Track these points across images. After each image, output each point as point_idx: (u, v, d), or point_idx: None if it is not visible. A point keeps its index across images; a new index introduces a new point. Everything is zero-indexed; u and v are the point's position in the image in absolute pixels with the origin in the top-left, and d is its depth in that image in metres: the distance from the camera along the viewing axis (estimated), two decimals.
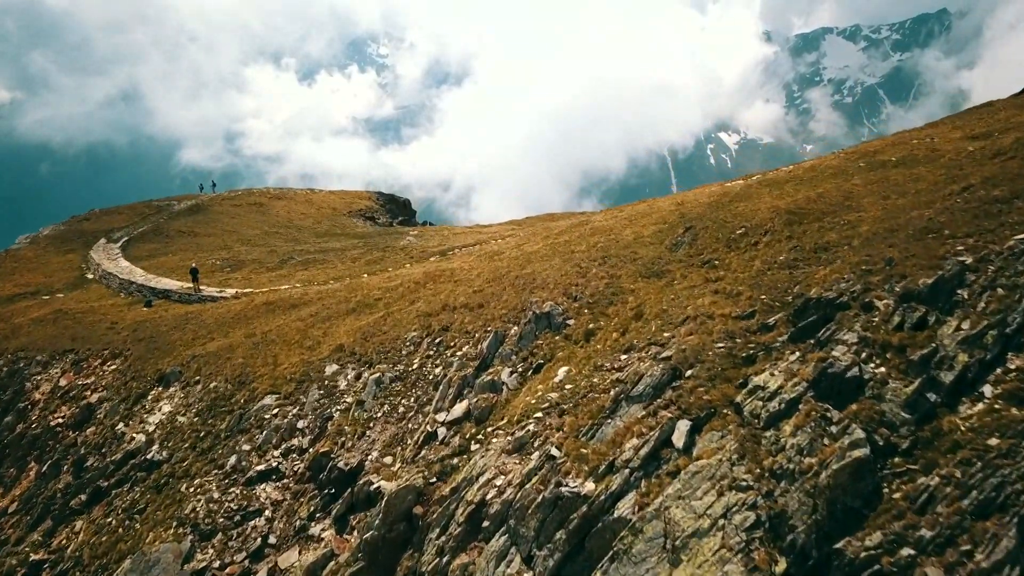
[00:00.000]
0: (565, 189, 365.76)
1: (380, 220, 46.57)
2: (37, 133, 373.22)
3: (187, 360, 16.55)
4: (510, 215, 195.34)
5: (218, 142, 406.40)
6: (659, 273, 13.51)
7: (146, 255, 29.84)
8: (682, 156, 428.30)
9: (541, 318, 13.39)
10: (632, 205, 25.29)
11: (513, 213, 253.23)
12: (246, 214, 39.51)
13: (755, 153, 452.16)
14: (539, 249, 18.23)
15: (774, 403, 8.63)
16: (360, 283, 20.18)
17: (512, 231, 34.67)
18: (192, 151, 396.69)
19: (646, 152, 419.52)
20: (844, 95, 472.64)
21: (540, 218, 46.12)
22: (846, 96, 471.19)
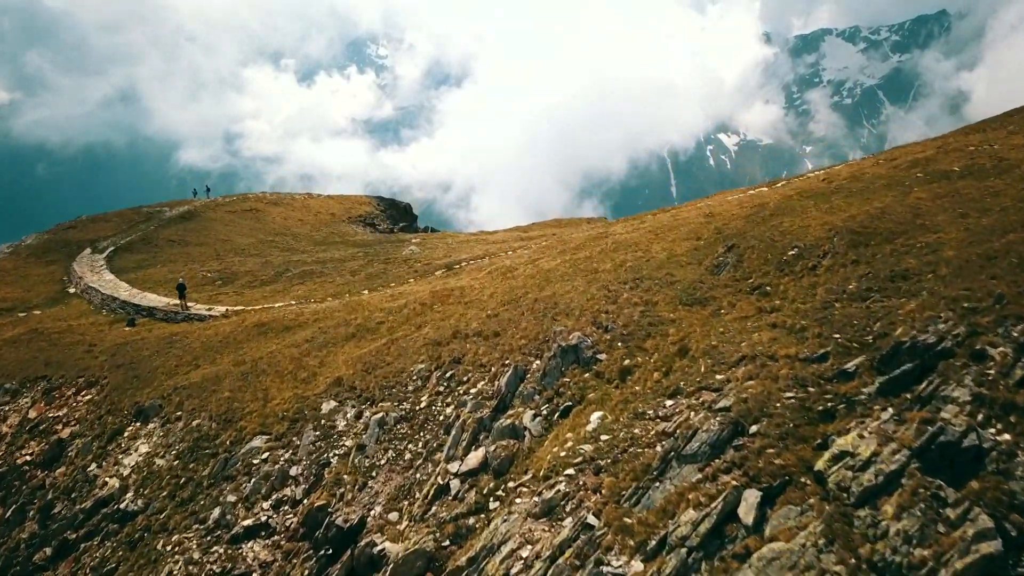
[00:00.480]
0: (565, 190, 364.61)
1: (380, 226, 44.92)
2: (34, 134, 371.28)
3: (168, 392, 14.88)
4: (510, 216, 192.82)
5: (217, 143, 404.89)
6: (702, 300, 11.89)
7: (133, 267, 28.14)
8: (682, 158, 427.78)
9: (568, 351, 11.74)
10: (652, 215, 23.67)
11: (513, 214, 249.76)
12: (240, 221, 37.83)
13: (754, 154, 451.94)
14: (557, 266, 16.61)
15: (868, 474, 6.98)
16: (360, 302, 18.53)
17: (519, 239, 33.04)
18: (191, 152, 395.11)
19: (646, 153, 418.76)
20: (843, 96, 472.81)
21: (547, 224, 44.48)
22: (845, 97, 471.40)
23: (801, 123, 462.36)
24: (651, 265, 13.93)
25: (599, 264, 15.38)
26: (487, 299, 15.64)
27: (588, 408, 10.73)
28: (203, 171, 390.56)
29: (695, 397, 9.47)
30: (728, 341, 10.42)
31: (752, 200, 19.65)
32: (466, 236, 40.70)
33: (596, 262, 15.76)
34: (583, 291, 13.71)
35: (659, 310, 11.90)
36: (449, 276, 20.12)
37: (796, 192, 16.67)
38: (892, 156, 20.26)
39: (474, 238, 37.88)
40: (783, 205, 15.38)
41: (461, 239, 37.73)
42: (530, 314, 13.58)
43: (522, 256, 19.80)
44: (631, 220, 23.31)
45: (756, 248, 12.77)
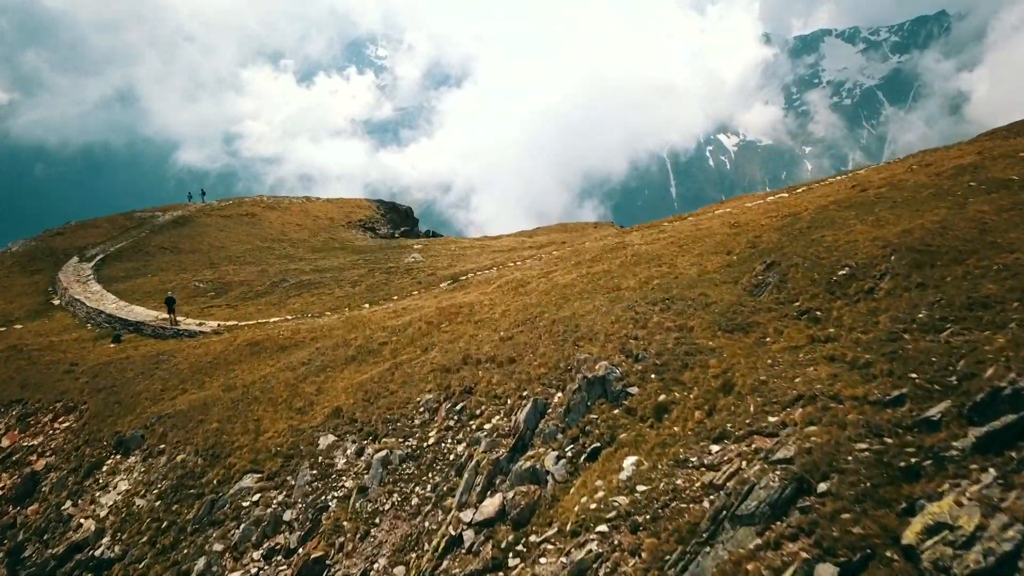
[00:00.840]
0: (565, 191, 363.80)
1: (381, 231, 43.67)
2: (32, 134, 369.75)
3: (152, 421, 13.62)
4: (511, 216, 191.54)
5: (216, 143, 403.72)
6: (744, 327, 10.66)
7: (122, 276, 26.83)
8: (682, 158, 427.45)
9: (594, 384, 10.49)
10: (669, 222, 22.45)
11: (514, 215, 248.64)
12: (236, 227, 36.54)
13: (754, 155, 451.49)
14: (574, 281, 15.38)
15: (974, 554, 5.74)
16: (361, 318, 17.28)
17: (528, 248, 31.83)
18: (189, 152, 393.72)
19: (646, 154, 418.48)
20: (843, 97, 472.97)
21: (552, 229, 43.25)
22: (845, 98, 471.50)
23: (801, 124, 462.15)
24: (681, 283, 12.69)
25: (621, 280, 14.15)
26: (499, 318, 14.40)
27: (620, 451, 9.48)
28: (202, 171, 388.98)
29: (746, 443, 8.21)
30: (779, 376, 9.18)
31: (778, 209, 18.45)
32: (469, 242, 39.46)
33: (617, 278, 14.52)
34: (607, 312, 12.48)
35: (696, 336, 10.66)
36: (456, 289, 18.86)
37: (832, 202, 15.43)
38: (926, 161, 19.06)
39: (478, 244, 36.64)
40: (820, 216, 14.16)
41: (464, 245, 36.49)
42: (548, 338, 12.33)
43: (534, 268, 18.55)
44: (647, 228, 22.09)
45: (800, 266, 11.53)
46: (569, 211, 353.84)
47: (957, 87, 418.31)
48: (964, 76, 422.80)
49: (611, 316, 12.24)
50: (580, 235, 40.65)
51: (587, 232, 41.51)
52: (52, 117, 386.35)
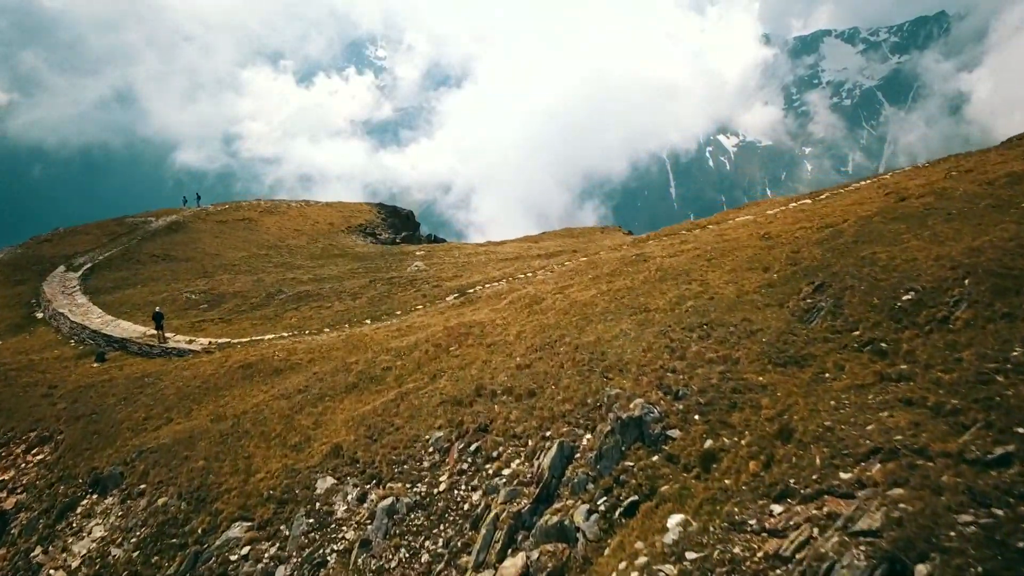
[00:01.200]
0: (566, 191, 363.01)
1: (382, 236, 42.39)
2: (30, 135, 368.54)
3: (132, 456, 12.35)
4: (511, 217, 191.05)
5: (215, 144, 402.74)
6: (797, 359, 9.44)
7: (110, 287, 25.53)
8: (682, 159, 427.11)
9: (628, 425, 9.25)
10: (689, 229, 21.19)
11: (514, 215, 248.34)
12: (232, 232, 35.25)
13: (754, 156, 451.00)
14: (594, 299, 14.15)
15: None
16: (362, 337, 16.02)
17: (529, 251, 30.60)
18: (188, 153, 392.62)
19: (645, 155, 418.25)
20: (843, 97, 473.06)
21: (558, 234, 42.00)
22: (844, 99, 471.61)
23: (800, 124, 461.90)
24: (719, 305, 11.44)
25: (648, 299, 12.91)
26: (514, 341, 13.15)
27: (662, 506, 8.23)
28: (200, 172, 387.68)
29: (815, 504, 6.97)
30: (847, 421, 7.94)
31: (809, 218, 17.22)
32: (473, 248, 38.21)
33: (643, 296, 13.29)
34: (636, 338, 11.24)
35: (743, 370, 9.42)
36: (464, 305, 17.60)
37: (873, 212, 14.20)
38: (964, 167, 17.87)
39: (482, 250, 35.40)
40: (865, 230, 12.93)
41: (468, 251, 35.24)
42: (571, 367, 11.09)
43: (547, 282, 17.29)
44: (665, 237, 20.83)
45: (855, 289, 10.30)
46: (570, 212, 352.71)
47: (957, 88, 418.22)
48: (964, 77, 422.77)
49: (642, 343, 11.01)
50: (588, 240, 39.43)
51: (594, 237, 40.30)
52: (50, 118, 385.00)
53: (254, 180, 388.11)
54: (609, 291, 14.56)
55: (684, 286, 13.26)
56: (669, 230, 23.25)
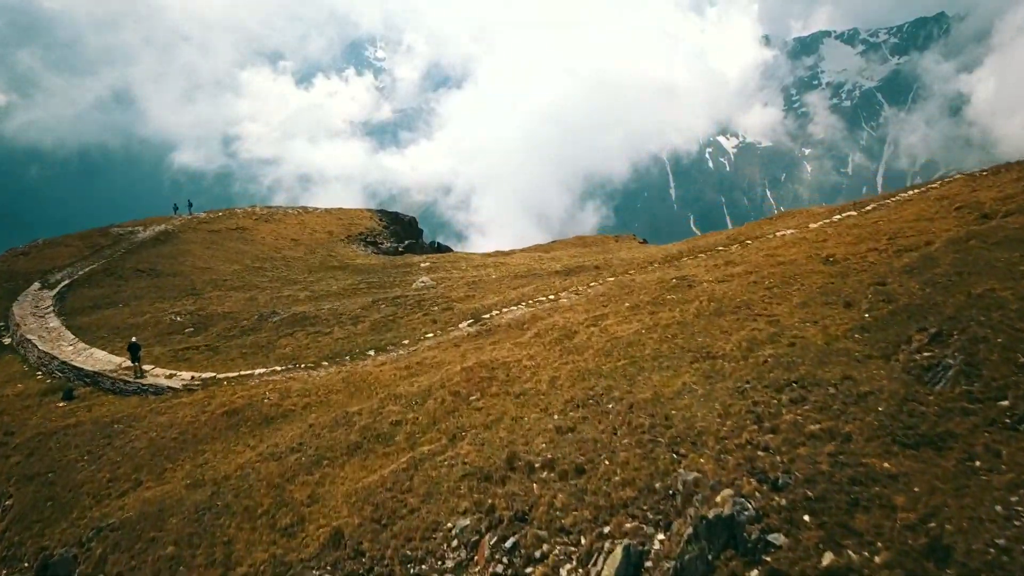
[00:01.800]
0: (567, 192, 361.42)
1: (384, 245, 40.26)
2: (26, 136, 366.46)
3: (89, 535, 10.19)
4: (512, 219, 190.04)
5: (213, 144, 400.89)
6: (932, 440, 7.35)
7: (88, 306, 23.37)
8: (682, 160, 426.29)
9: (715, 527, 7.13)
10: (726, 245, 19.02)
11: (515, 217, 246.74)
12: (225, 243, 33.09)
13: (753, 157, 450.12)
14: (638, 335, 12.04)
15: None
16: (366, 376, 13.88)
17: (541, 261, 28.49)
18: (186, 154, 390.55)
19: (646, 156, 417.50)
20: (842, 99, 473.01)
21: (570, 243, 39.91)
22: (844, 100, 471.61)
23: (800, 125, 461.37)
24: (806, 356, 9.32)
25: (709, 341, 10.80)
26: (547, 390, 11.03)
27: None
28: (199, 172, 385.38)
29: None
30: (1018, 539, 5.85)
31: (873, 236, 15.14)
32: (481, 259, 36.09)
33: (701, 335, 11.18)
34: (705, 397, 9.14)
35: (860, 451, 7.31)
36: (481, 336, 15.46)
37: (964, 235, 12.09)
38: None
39: (491, 261, 33.28)
40: (968, 259, 10.83)
41: (476, 263, 33.12)
42: (627, 434, 8.98)
43: (576, 310, 15.17)
44: (702, 254, 18.68)
45: (990, 342, 8.20)
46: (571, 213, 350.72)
47: (957, 89, 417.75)
48: (964, 78, 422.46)
49: (715, 405, 8.92)
50: (602, 250, 37.33)
51: (609, 246, 38.25)
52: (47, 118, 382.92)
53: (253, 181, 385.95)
54: (655, 326, 12.44)
55: (750, 324, 11.16)
56: (703, 244, 21.13)
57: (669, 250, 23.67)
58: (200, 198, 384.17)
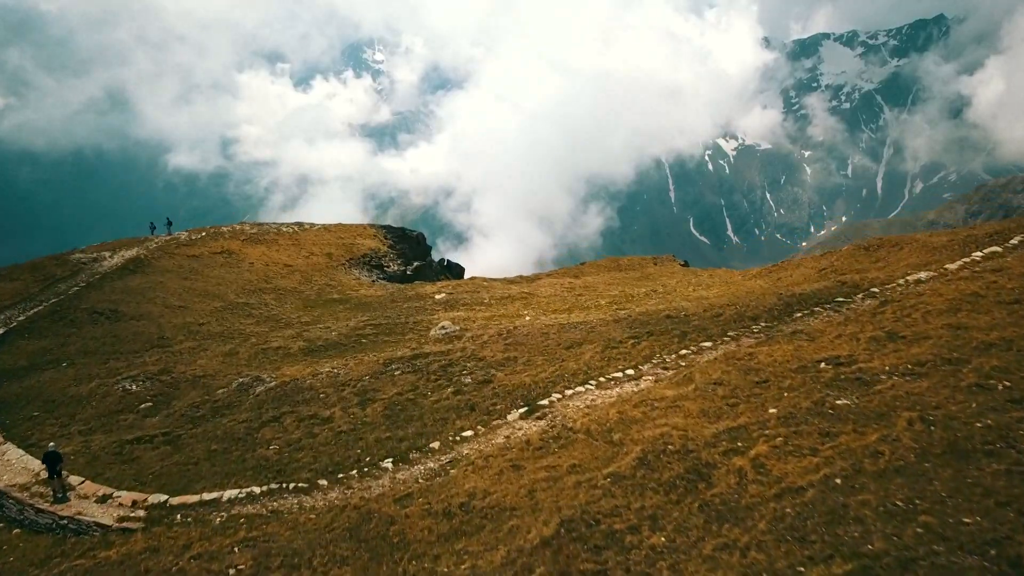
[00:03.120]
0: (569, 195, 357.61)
1: (390, 268, 35.43)
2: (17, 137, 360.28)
3: None
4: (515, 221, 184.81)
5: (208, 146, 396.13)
6: None
7: (22, 366, 18.31)
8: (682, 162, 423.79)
9: None
10: (847, 294, 14.31)
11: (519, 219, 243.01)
12: (206, 271, 28.21)
13: (753, 159, 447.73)
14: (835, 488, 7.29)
15: None
16: (385, 529, 9.05)
17: (573, 291, 23.79)
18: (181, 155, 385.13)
19: (646, 158, 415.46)
20: (842, 101, 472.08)
21: (602, 266, 35.12)
22: (844, 102, 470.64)
23: (800, 128, 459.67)
24: None
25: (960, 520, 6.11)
26: None
27: None
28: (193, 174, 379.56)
29: None
30: None
31: None
32: (503, 287, 31.30)
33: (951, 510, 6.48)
34: None
35: None
36: (549, 449, 10.63)
37: None
38: None
39: (516, 292, 28.49)
40: None
41: (499, 293, 28.32)
42: None
43: (687, 410, 10.43)
44: (810, 300, 13.94)
45: None
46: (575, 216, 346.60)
47: (957, 91, 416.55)
48: (965, 80, 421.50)
49: None
50: (641, 274, 32.64)
51: (649, 271, 33.55)
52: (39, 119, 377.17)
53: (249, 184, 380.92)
54: (856, 472, 7.61)
55: None
56: (792, 279, 16.33)
57: (752, 290, 18.91)
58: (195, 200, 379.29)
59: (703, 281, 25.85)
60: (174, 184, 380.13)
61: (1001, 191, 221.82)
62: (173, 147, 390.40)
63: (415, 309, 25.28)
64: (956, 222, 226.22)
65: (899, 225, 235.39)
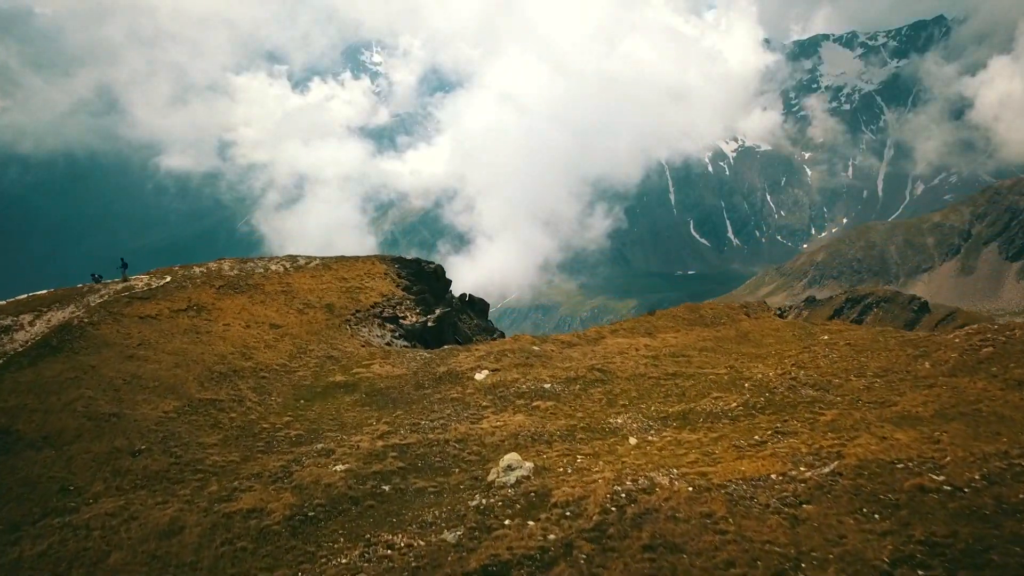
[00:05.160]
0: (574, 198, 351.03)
1: (408, 319, 27.83)
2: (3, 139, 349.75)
3: None
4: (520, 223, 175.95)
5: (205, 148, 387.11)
6: None
7: None
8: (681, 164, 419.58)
9: None
10: None
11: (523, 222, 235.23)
12: (163, 343, 20.49)
13: (753, 161, 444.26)
14: None
15: None
16: None
17: (653, 360, 16.34)
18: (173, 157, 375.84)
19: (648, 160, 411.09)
20: (842, 102, 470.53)
21: (680, 316, 27.57)
22: (844, 103, 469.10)
23: (800, 129, 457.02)
24: None
25: None
26: None
27: None
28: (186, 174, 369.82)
29: None
30: None
31: None
32: (560, 351, 23.74)
33: None
34: None
35: None
36: None
37: None
38: None
39: (583, 366, 20.93)
40: None
41: (561, 370, 20.75)
42: None
43: None
44: None
45: None
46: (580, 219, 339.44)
47: (958, 91, 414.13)
48: (966, 81, 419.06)
49: None
50: (737, 333, 25.21)
51: (740, 324, 26.10)
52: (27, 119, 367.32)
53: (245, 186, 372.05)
54: None
55: None
56: None
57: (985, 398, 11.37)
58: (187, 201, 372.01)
59: (841, 351, 18.34)
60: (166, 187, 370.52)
61: (1008, 193, 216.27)
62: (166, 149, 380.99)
63: (452, 405, 17.68)
64: (962, 224, 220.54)
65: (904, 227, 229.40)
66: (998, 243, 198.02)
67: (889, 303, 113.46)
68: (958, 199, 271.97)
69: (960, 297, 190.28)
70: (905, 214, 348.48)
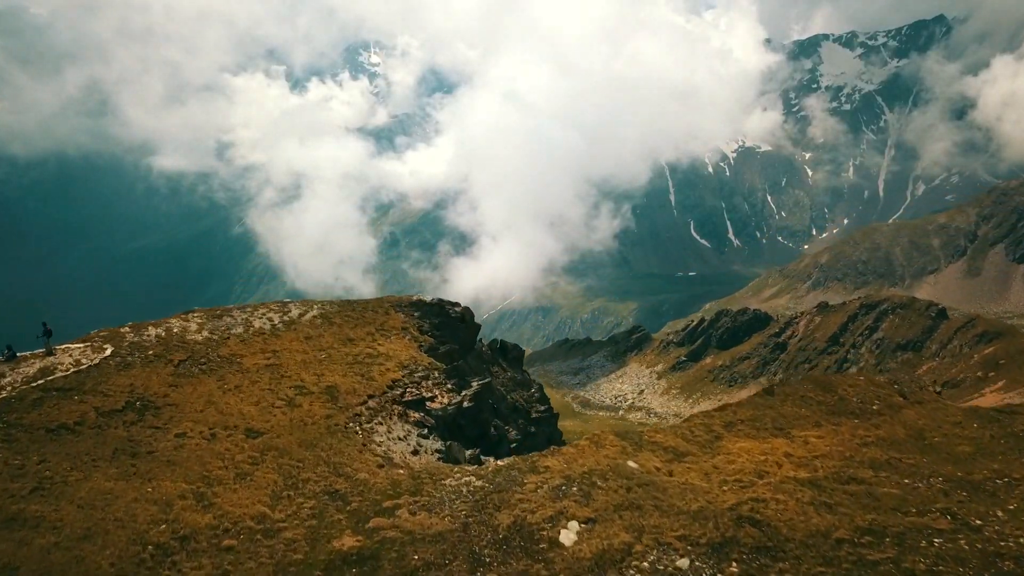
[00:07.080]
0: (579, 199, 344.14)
1: (438, 400, 20.32)
2: None
3: None
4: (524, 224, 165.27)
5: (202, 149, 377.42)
6: None
7: None
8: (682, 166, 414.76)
9: None
10: None
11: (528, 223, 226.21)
12: (74, 481, 13.02)
13: (753, 161, 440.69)
14: None
15: None
16: None
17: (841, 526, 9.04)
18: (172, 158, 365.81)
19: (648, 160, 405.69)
20: (842, 102, 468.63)
21: (811, 399, 20.48)
22: (844, 103, 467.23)
23: (800, 129, 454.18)
24: None
25: None
26: None
27: None
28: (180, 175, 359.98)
29: None
30: None
31: None
32: (662, 464, 16.43)
33: None
34: None
35: None
36: None
37: None
38: None
39: (700, 479, 13.54)
40: None
41: (681, 508, 13.38)
42: None
43: None
44: None
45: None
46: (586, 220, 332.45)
47: (960, 91, 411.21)
48: (968, 80, 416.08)
49: None
50: (908, 434, 17.77)
51: (903, 414, 18.72)
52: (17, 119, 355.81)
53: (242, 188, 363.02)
54: None
55: None
56: None
57: None
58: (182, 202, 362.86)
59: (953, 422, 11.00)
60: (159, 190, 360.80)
61: (1014, 194, 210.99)
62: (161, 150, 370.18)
63: None
64: (968, 226, 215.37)
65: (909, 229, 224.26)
66: (1005, 244, 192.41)
67: (905, 309, 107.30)
68: (960, 199, 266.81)
69: (967, 299, 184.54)
70: (907, 214, 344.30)
